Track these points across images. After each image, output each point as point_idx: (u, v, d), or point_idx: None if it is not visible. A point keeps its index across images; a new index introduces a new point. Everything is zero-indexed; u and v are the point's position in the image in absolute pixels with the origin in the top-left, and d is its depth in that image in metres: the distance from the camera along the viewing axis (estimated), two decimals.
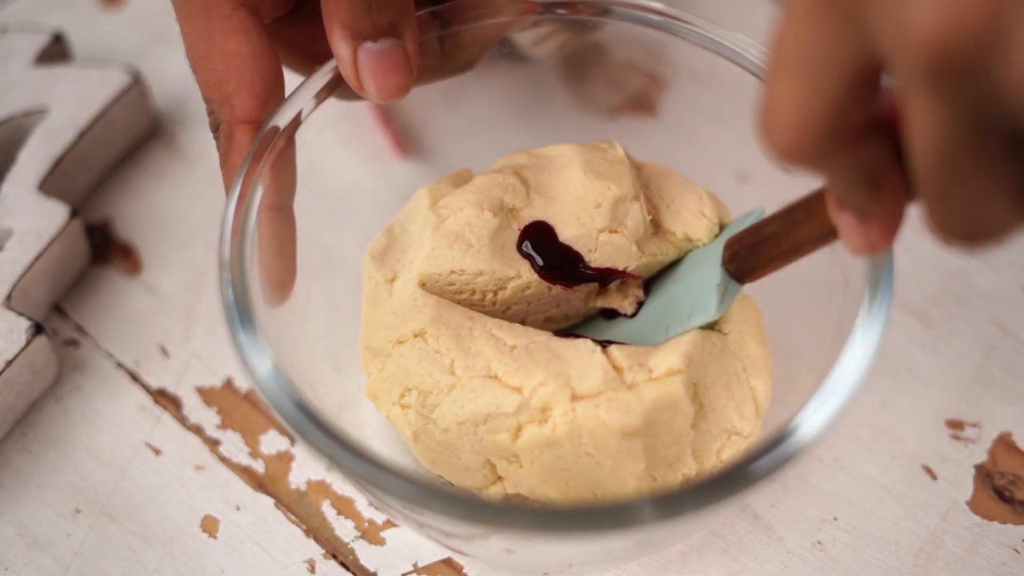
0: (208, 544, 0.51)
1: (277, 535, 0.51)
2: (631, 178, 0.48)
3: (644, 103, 0.57)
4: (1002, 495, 0.52)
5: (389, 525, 0.51)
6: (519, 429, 0.44)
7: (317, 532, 0.51)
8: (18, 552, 0.50)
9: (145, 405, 0.54)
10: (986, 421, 0.53)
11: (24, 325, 0.52)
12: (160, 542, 0.51)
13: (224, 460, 0.53)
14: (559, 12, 0.50)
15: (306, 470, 0.52)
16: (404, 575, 0.50)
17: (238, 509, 0.52)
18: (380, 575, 0.50)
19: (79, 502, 0.52)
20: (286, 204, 0.47)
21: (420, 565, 0.50)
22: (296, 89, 0.47)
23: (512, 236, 0.48)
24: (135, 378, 0.55)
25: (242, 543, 0.51)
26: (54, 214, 0.55)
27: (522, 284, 0.48)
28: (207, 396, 0.54)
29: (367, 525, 0.51)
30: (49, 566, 0.50)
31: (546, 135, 0.56)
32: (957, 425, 0.53)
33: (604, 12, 0.49)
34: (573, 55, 0.55)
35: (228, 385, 0.55)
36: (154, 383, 0.55)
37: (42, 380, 0.54)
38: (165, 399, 0.54)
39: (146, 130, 0.61)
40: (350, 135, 0.59)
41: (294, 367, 0.44)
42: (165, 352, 0.56)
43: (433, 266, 0.47)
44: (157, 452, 0.53)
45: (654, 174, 0.51)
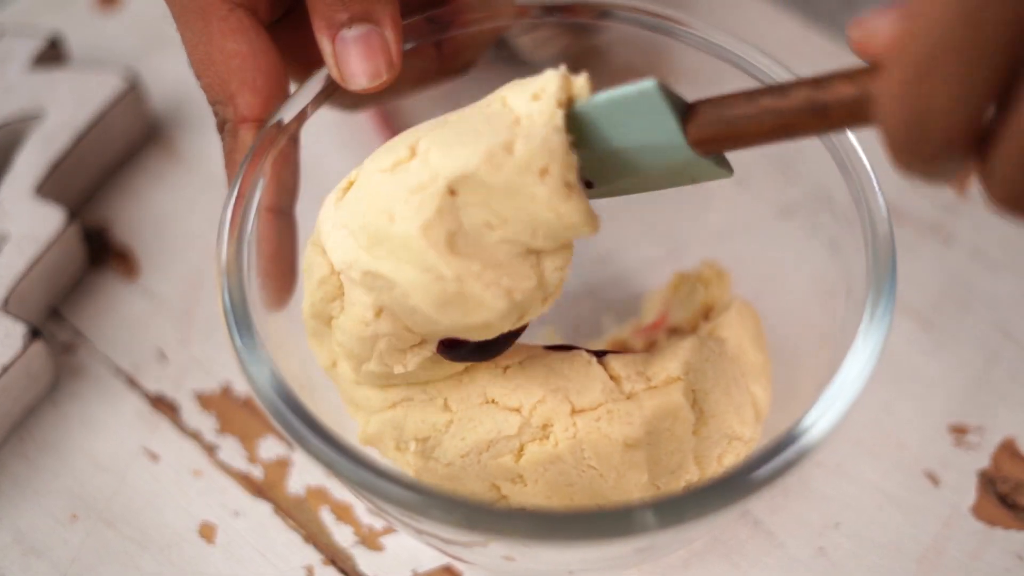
0: (206, 550, 0.50)
1: (275, 541, 0.51)
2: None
3: None
4: (1005, 501, 0.51)
5: (388, 531, 0.51)
6: (521, 449, 0.44)
7: (316, 538, 0.51)
8: (15, 558, 0.50)
9: (143, 410, 0.54)
10: (989, 427, 0.53)
11: (21, 330, 0.52)
12: (158, 548, 0.50)
13: (222, 466, 0.52)
14: (559, 15, 0.50)
15: (305, 476, 0.52)
16: None
17: (236, 515, 0.51)
18: None
19: (76, 508, 0.51)
20: (287, 206, 0.46)
21: (419, 571, 0.50)
22: (297, 90, 0.46)
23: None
24: (133, 383, 0.55)
25: (240, 549, 0.50)
26: (51, 218, 0.55)
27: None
28: (205, 401, 0.54)
29: (366, 531, 0.51)
30: (46, 572, 0.50)
31: None
32: (960, 431, 0.53)
33: (604, 15, 0.49)
34: (573, 59, 0.55)
35: (226, 390, 0.54)
36: (152, 388, 0.54)
37: (39, 385, 0.53)
38: (163, 404, 0.54)
39: (143, 133, 0.61)
40: (349, 139, 0.58)
41: (293, 373, 0.44)
42: (163, 357, 0.55)
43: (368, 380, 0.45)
44: (155, 458, 0.53)
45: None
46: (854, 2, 0.69)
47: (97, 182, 0.60)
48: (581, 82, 0.41)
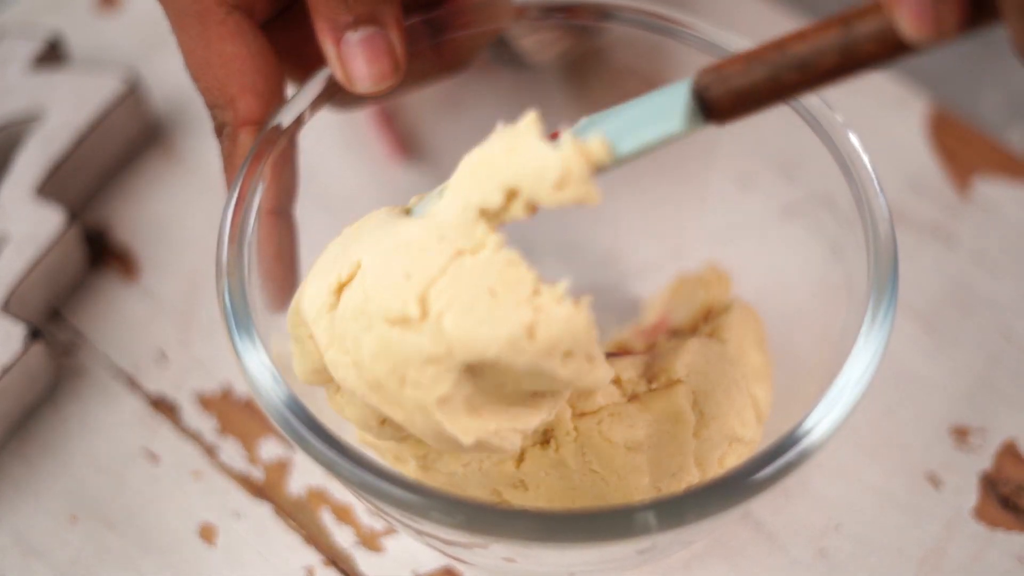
0: (206, 551, 0.50)
1: (276, 542, 0.51)
2: None
3: None
4: (1007, 503, 0.51)
5: (388, 532, 0.51)
6: (522, 454, 0.44)
7: (316, 539, 0.51)
8: (14, 560, 0.50)
9: (143, 411, 0.54)
10: (991, 429, 0.53)
11: (21, 331, 0.52)
12: (158, 550, 0.50)
13: (223, 467, 0.52)
14: (560, 16, 0.49)
15: (305, 477, 0.52)
16: None
17: (237, 516, 0.51)
18: None
19: (76, 509, 0.51)
20: (286, 207, 0.46)
21: (420, 573, 0.50)
22: (296, 93, 0.46)
23: None
24: (133, 384, 0.55)
25: (241, 550, 0.50)
26: (51, 219, 0.55)
27: None
28: (206, 402, 0.54)
29: (366, 532, 0.51)
30: (46, 574, 0.50)
31: None
32: (961, 433, 0.53)
33: (605, 16, 0.49)
34: (574, 61, 0.55)
35: (227, 391, 0.54)
36: (152, 389, 0.54)
37: (39, 386, 0.53)
38: (163, 405, 0.54)
39: (144, 135, 0.61)
40: (350, 140, 0.58)
41: (292, 375, 0.44)
42: (163, 358, 0.55)
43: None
44: (155, 458, 0.53)
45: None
46: (855, 3, 0.68)
47: (98, 183, 0.60)
48: (599, 148, 0.40)
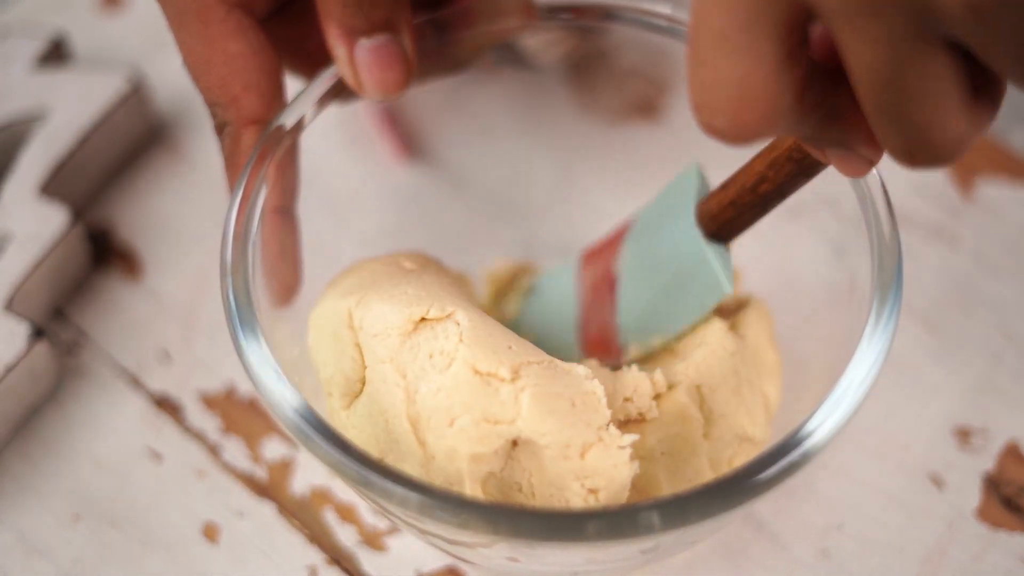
0: (210, 551, 0.50)
1: (279, 542, 0.51)
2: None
3: (649, 109, 0.57)
4: (1009, 504, 0.51)
5: (391, 532, 0.51)
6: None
7: (319, 539, 0.51)
8: (18, 559, 0.50)
9: (146, 411, 0.54)
10: (993, 429, 0.53)
11: (24, 330, 0.52)
12: (161, 548, 0.50)
13: (226, 466, 0.52)
14: (565, 17, 0.49)
15: (308, 476, 0.52)
16: None
17: (240, 515, 0.51)
18: None
19: (79, 508, 0.51)
20: (289, 206, 0.46)
21: (423, 572, 0.50)
22: (300, 93, 0.46)
23: None
24: (136, 383, 0.55)
25: (244, 550, 0.50)
26: (55, 218, 0.55)
27: None
28: (209, 401, 0.54)
29: (369, 532, 0.51)
30: (49, 573, 0.50)
31: (550, 141, 0.56)
32: (964, 433, 0.53)
33: (610, 17, 0.49)
34: (578, 62, 0.55)
35: (230, 391, 0.54)
36: (156, 388, 0.54)
37: (43, 385, 0.53)
38: (167, 404, 0.54)
39: (147, 134, 0.61)
40: (353, 140, 0.58)
41: (296, 373, 0.44)
42: (167, 357, 0.55)
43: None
44: (158, 458, 0.53)
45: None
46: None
47: (101, 182, 0.60)
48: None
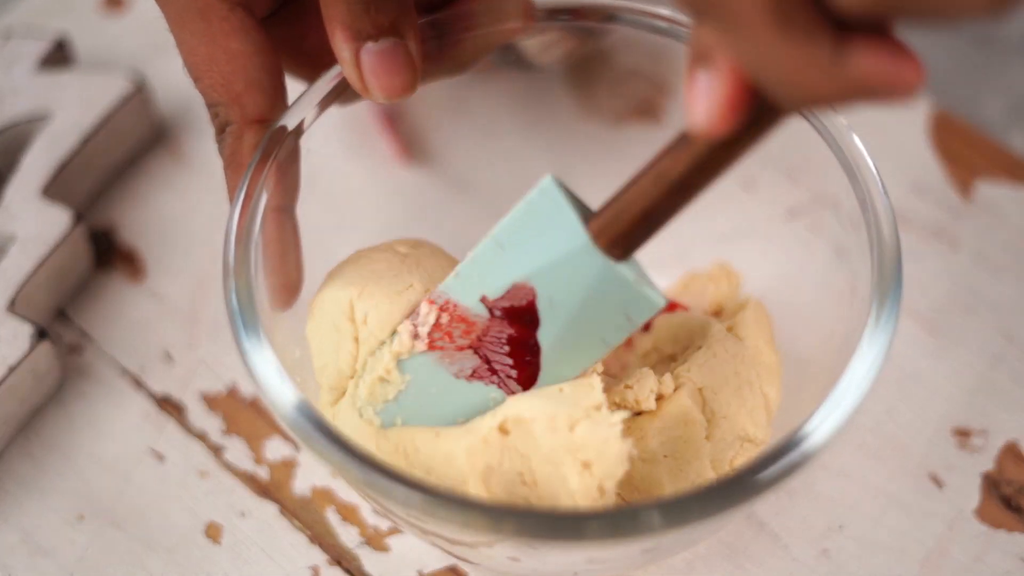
0: (212, 550, 0.51)
1: (281, 542, 0.51)
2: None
3: (650, 110, 0.57)
4: (1009, 504, 0.51)
5: (393, 532, 0.51)
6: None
7: (321, 539, 0.51)
8: (21, 558, 0.50)
9: (149, 411, 0.54)
10: (993, 430, 0.53)
11: (28, 331, 0.52)
12: (164, 548, 0.51)
13: (228, 466, 0.53)
14: (565, 18, 0.50)
15: (310, 476, 0.52)
16: None
17: (242, 515, 0.51)
18: None
19: (83, 508, 0.52)
20: (290, 205, 0.46)
21: (425, 572, 0.50)
22: (303, 93, 0.46)
23: None
24: (139, 384, 0.55)
25: (246, 550, 0.51)
26: (57, 219, 0.55)
27: None
28: (211, 402, 0.54)
29: (371, 532, 0.51)
30: (52, 572, 0.50)
31: (551, 143, 0.56)
32: (964, 434, 0.53)
33: (610, 18, 0.49)
34: (579, 63, 0.55)
35: (232, 391, 0.55)
36: (158, 389, 0.55)
37: (46, 386, 0.53)
38: (169, 405, 0.54)
39: (150, 136, 0.61)
40: (355, 141, 0.58)
41: (298, 373, 0.44)
42: (169, 358, 0.55)
43: None
44: (161, 458, 0.53)
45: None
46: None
47: (103, 184, 0.60)
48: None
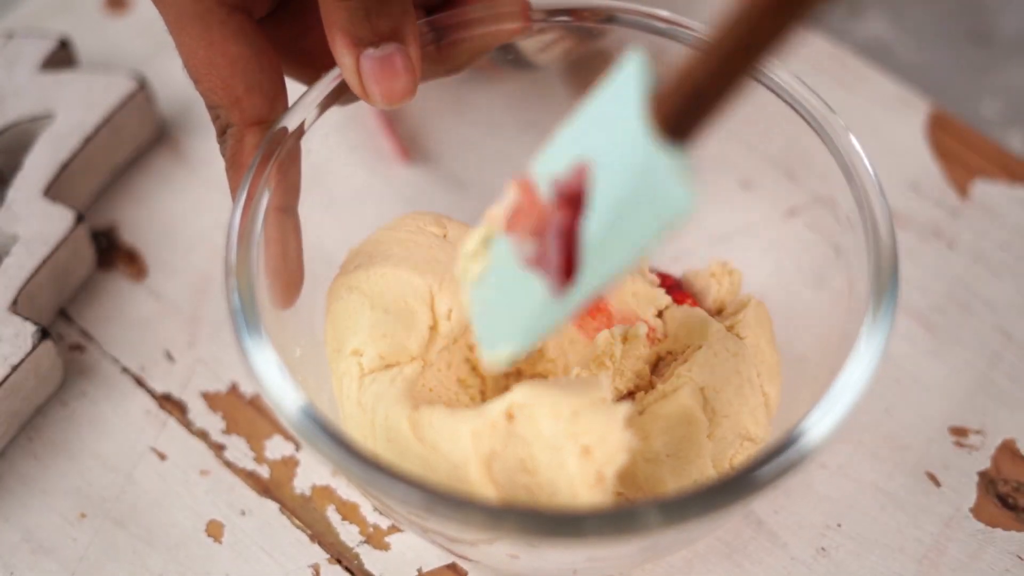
0: (213, 549, 0.51)
1: (282, 540, 0.51)
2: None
3: None
4: (1006, 502, 0.52)
5: (394, 530, 0.51)
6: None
7: (322, 537, 0.51)
8: (23, 557, 0.50)
9: (150, 410, 0.54)
10: (990, 428, 0.53)
11: (30, 330, 0.52)
12: (165, 547, 0.51)
13: (229, 465, 0.53)
14: (564, 19, 0.50)
15: (311, 475, 0.52)
16: None
17: (243, 514, 0.52)
18: None
19: (84, 507, 0.52)
20: (291, 205, 0.47)
21: (425, 571, 0.50)
22: (303, 95, 0.47)
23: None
24: (140, 383, 0.55)
25: (247, 548, 0.51)
26: (60, 219, 0.55)
27: None
28: (212, 401, 0.55)
29: (372, 530, 0.51)
30: (54, 571, 0.50)
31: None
32: (961, 432, 0.53)
33: (609, 19, 0.49)
34: (577, 62, 0.55)
35: (233, 390, 0.55)
36: (159, 388, 0.55)
37: (48, 385, 0.54)
38: (170, 404, 0.54)
39: (152, 136, 0.62)
40: (355, 141, 0.59)
41: (300, 372, 0.44)
42: (170, 357, 0.56)
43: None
44: (162, 457, 0.53)
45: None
46: (856, 5, 0.69)
47: (105, 184, 0.60)
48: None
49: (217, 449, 0.53)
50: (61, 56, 0.61)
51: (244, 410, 0.54)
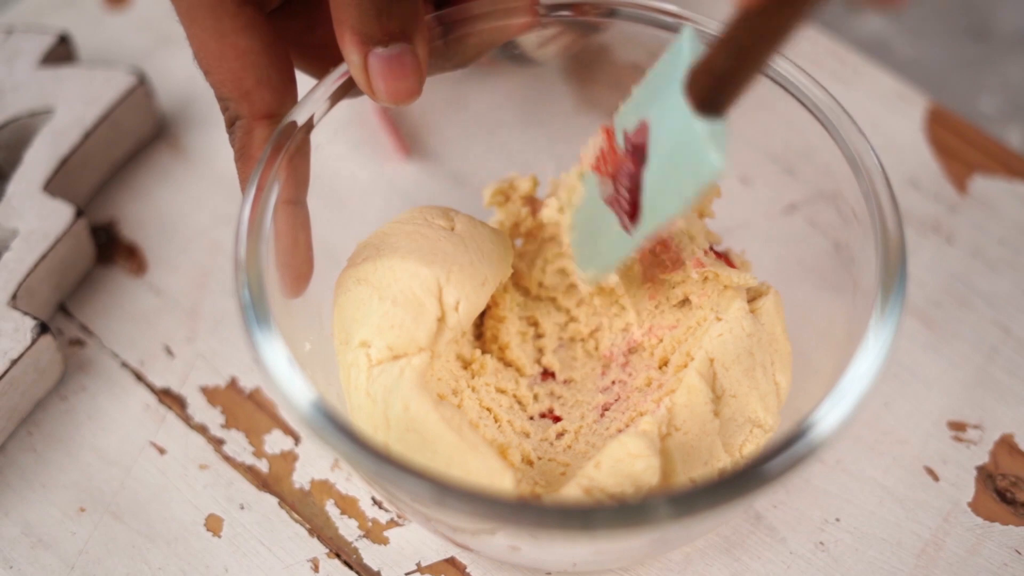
0: (212, 543, 0.51)
1: (281, 534, 0.51)
2: None
3: None
4: (1004, 496, 0.52)
5: (393, 525, 0.51)
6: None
7: (321, 531, 0.51)
8: (23, 551, 0.51)
9: (150, 405, 0.54)
10: (988, 423, 0.53)
11: (29, 324, 0.52)
12: (164, 541, 0.51)
13: (228, 459, 0.53)
14: (564, 14, 0.50)
15: (310, 469, 0.52)
16: (408, 574, 0.50)
17: (242, 508, 0.52)
18: (384, 574, 0.50)
19: (84, 501, 0.52)
20: (301, 197, 0.47)
21: (423, 564, 0.50)
22: (312, 88, 0.47)
23: None
24: (140, 378, 0.55)
25: (246, 542, 0.51)
26: (59, 214, 0.55)
27: None
28: (211, 396, 0.55)
29: (370, 524, 0.51)
30: (54, 565, 0.50)
31: (550, 137, 0.56)
32: (959, 427, 0.53)
33: (610, 13, 0.49)
34: (578, 57, 0.55)
35: (233, 385, 0.55)
36: (159, 383, 0.55)
37: (47, 379, 0.54)
38: (170, 399, 0.54)
39: (151, 131, 0.62)
40: (357, 138, 0.59)
41: (308, 367, 0.44)
42: (170, 352, 0.56)
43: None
44: (162, 451, 0.53)
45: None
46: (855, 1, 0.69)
47: (105, 179, 0.60)
48: None
49: (216, 443, 0.53)
50: (61, 51, 0.61)
51: (243, 405, 0.54)
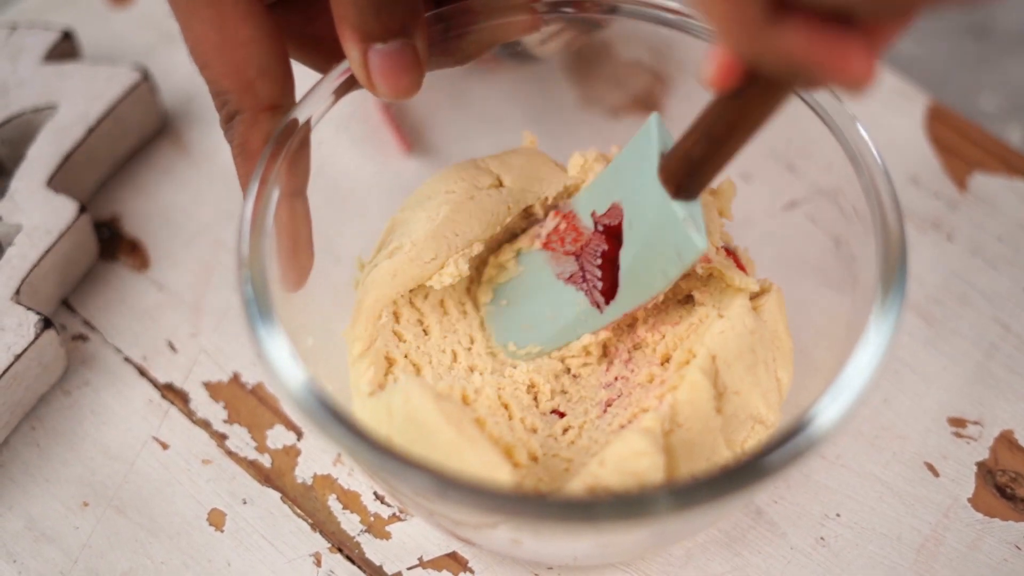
0: (215, 537, 0.51)
1: (283, 529, 0.51)
2: None
3: (649, 102, 0.57)
4: (1003, 492, 0.52)
5: (395, 519, 0.51)
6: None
7: (323, 526, 0.51)
8: (27, 545, 0.51)
9: (153, 400, 0.54)
10: (988, 419, 0.54)
11: (33, 319, 0.52)
12: (167, 535, 0.51)
13: (231, 454, 0.53)
14: (566, 11, 0.50)
15: (312, 464, 0.53)
16: (410, 568, 0.50)
17: (245, 503, 0.52)
18: (386, 569, 0.50)
19: (87, 495, 0.52)
20: (301, 189, 0.47)
21: (425, 559, 0.50)
22: (315, 84, 0.47)
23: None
24: (143, 373, 0.55)
25: (249, 536, 0.51)
26: (63, 210, 0.55)
27: None
28: (214, 391, 0.55)
29: (373, 519, 0.51)
30: (57, 558, 0.50)
31: (551, 133, 0.56)
32: (959, 423, 0.54)
33: (612, 10, 0.49)
34: (579, 54, 0.56)
35: (235, 380, 0.55)
36: (162, 378, 0.55)
37: (51, 374, 0.54)
38: (173, 394, 0.55)
39: (154, 127, 0.62)
40: (359, 133, 0.59)
41: (311, 362, 0.44)
42: (172, 347, 0.56)
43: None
44: (165, 446, 0.53)
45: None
46: None
47: (108, 175, 0.61)
48: None
49: (219, 438, 0.53)
50: (64, 48, 0.61)
51: (246, 400, 0.54)
